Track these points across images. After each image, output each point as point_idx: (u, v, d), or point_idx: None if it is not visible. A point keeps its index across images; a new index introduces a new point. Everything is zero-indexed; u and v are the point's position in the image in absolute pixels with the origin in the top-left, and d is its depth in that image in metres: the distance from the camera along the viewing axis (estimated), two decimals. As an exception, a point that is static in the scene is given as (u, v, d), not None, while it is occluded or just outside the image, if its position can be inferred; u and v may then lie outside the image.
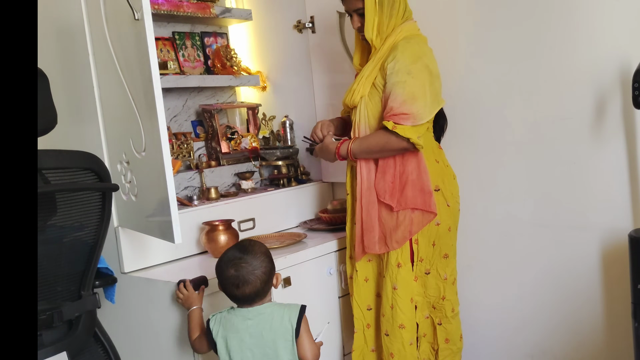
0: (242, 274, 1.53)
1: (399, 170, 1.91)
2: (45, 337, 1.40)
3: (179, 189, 2.35)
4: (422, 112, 1.83)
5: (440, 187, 1.96)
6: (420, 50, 1.90)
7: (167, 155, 1.64)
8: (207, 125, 2.61)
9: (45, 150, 1.31)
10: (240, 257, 1.55)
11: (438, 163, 1.98)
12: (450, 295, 2.02)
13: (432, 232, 1.95)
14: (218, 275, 1.58)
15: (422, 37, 1.98)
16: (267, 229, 2.39)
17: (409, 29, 1.94)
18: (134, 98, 1.73)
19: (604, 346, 2.00)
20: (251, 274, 1.53)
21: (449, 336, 2.03)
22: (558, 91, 2.00)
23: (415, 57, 1.87)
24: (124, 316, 2.02)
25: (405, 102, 1.83)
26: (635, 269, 1.67)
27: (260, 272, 1.54)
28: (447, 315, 2.01)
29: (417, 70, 1.85)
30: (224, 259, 1.57)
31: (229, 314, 1.59)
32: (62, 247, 1.44)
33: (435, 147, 2.03)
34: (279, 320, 1.56)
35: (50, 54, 2.07)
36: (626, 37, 1.84)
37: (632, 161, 1.88)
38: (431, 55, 1.93)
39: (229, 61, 2.63)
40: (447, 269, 2.00)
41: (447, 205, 1.97)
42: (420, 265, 1.97)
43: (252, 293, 1.54)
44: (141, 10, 1.59)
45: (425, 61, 1.88)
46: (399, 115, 1.83)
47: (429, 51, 1.94)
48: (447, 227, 1.98)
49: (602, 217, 1.95)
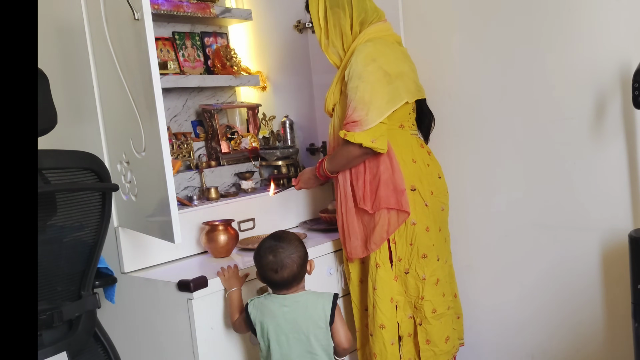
0: (280, 258, 1.65)
1: (372, 172, 1.92)
2: (45, 337, 1.40)
3: (179, 189, 2.35)
4: (372, 116, 1.83)
5: (417, 187, 1.95)
6: (375, 52, 1.89)
7: (167, 155, 1.64)
8: (207, 125, 2.61)
9: (45, 150, 1.30)
10: (276, 244, 1.68)
11: (415, 162, 1.97)
12: (431, 296, 1.97)
13: (408, 232, 1.94)
14: (257, 263, 1.70)
15: (386, 38, 1.97)
16: (267, 229, 2.39)
17: (373, 31, 1.96)
18: (134, 98, 1.73)
19: (604, 346, 2.00)
20: (288, 258, 1.66)
21: (430, 337, 1.98)
22: (558, 91, 2.00)
23: (369, 59, 1.87)
24: (124, 316, 2.02)
25: (355, 108, 1.85)
26: (635, 269, 1.67)
27: (296, 256, 1.67)
28: (427, 316, 1.97)
29: (368, 72, 1.85)
30: (262, 247, 1.70)
31: (265, 299, 1.70)
32: (62, 247, 1.44)
33: (415, 146, 2.01)
34: (313, 308, 1.67)
35: (50, 54, 2.07)
36: (626, 37, 1.84)
37: (632, 161, 1.88)
38: (391, 55, 1.92)
39: (229, 61, 2.63)
40: (425, 269, 1.96)
41: (424, 205, 1.95)
42: (399, 265, 1.96)
43: (290, 277, 1.66)
44: (141, 10, 1.59)
45: (379, 62, 1.87)
46: (349, 124, 1.86)
47: (390, 51, 1.93)
48: (424, 227, 1.95)
49: (602, 217, 1.95)
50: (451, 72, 2.22)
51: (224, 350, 1.84)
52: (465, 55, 2.20)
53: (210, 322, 1.81)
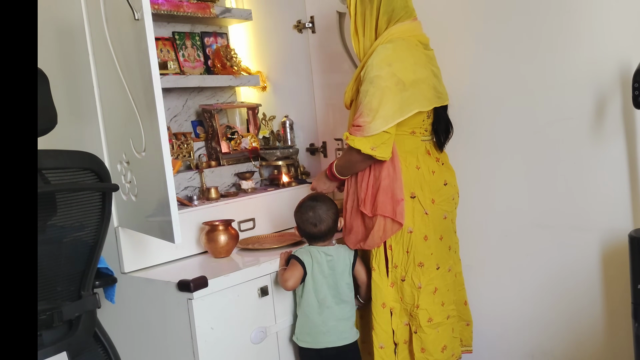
0: (318, 214, 1.96)
1: (375, 176, 1.91)
2: (45, 337, 1.40)
3: (179, 189, 2.34)
4: (376, 124, 1.80)
5: (417, 194, 1.92)
6: (392, 56, 1.83)
7: (167, 155, 1.64)
8: (207, 125, 2.61)
9: (45, 150, 1.30)
10: (315, 203, 1.98)
11: (419, 169, 1.94)
12: (427, 305, 1.94)
13: (404, 240, 1.93)
14: (298, 219, 2.00)
15: (410, 40, 1.90)
16: (267, 229, 2.39)
17: (397, 31, 1.89)
18: (134, 98, 1.73)
19: (604, 346, 2.00)
20: (325, 213, 1.96)
21: (425, 346, 1.95)
22: (558, 91, 2.00)
23: (384, 63, 1.82)
24: (124, 316, 2.02)
25: (362, 113, 1.83)
26: (635, 269, 1.67)
27: (331, 212, 1.97)
28: (422, 325, 1.93)
29: (381, 78, 1.81)
30: (303, 206, 2.00)
31: (310, 249, 1.97)
32: (62, 247, 1.44)
33: (422, 153, 1.97)
34: (344, 258, 1.99)
35: (50, 54, 2.07)
36: (626, 37, 1.84)
37: (632, 161, 1.88)
38: (409, 60, 1.86)
39: (229, 61, 2.63)
40: (422, 278, 1.93)
41: (424, 213, 1.93)
42: (395, 272, 1.95)
43: (326, 230, 1.96)
44: (141, 10, 1.59)
45: (394, 68, 1.81)
46: (354, 127, 1.85)
47: (409, 56, 1.86)
48: (422, 236, 1.93)
49: (602, 217, 1.95)
50: (451, 73, 2.22)
51: (224, 350, 1.84)
52: (465, 55, 2.20)
53: (210, 322, 1.81)
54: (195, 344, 1.77)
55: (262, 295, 1.95)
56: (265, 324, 1.95)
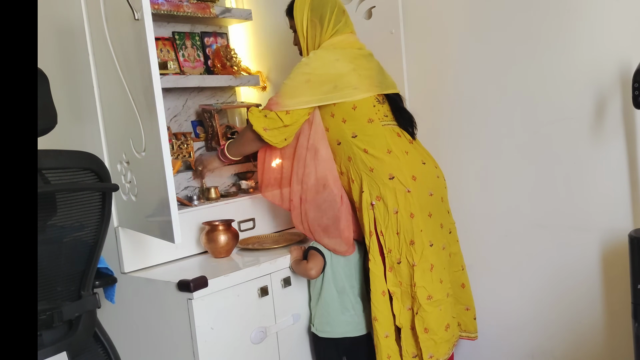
0: None
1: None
2: (45, 337, 1.40)
3: (179, 189, 2.34)
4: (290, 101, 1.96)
5: (395, 174, 1.95)
6: (312, 57, 2.04)
7: (167, 155, 1.64)
8: (207, 125, 2.61)
9: (45, 150, 1.30)
10: None
11: (390, 152, 1.97)
12: (424, 282, 1.93)
13: (392, 221, 1.94)
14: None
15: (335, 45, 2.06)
16: (267, 229, 2.39)
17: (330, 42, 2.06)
18: (134, 98, 1.73)
19: (604, 346, 2.00)
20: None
21: (428, 325, 1.94)
22: (558, 91, 2.00)
23: (302, 63, 2.04)
24: (124, 316, 2.02)
25: (277, 93, 2.02)
26: (635, 269, 1.67)
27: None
28: (422, 303, 1.92)
29: (294, 73, 2.02)
30: None
31: None
32: (62, 247, 1.44)
33: (390, 136, 2.01)
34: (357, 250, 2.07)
35: (50, 54, 2.07)
36: (626, 37, 1.84)
37: (632, 161, 1.88)
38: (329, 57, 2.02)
39: (229, 61, 2.62)
40: (415, 256, 1.93)
41: (406, 191, 1.94)
42: (390, 256, 1.96)
43: None
44: (141, 10, 1.59)
45: (310, 66, 2.01)
46: (269, 102, 2.01)
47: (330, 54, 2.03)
48: (407, 214, 1.94)
49: (602, 217, 1.95)
50: (451, 72, 2.22)
51: (224, 350, 1.84)
52: (464, 55, 2.20)
53: (210, 322, 1.81)
54: (195, 344, 1.77)
55: (262, 295, 1.95)
56: (265, 324, 1.95)
